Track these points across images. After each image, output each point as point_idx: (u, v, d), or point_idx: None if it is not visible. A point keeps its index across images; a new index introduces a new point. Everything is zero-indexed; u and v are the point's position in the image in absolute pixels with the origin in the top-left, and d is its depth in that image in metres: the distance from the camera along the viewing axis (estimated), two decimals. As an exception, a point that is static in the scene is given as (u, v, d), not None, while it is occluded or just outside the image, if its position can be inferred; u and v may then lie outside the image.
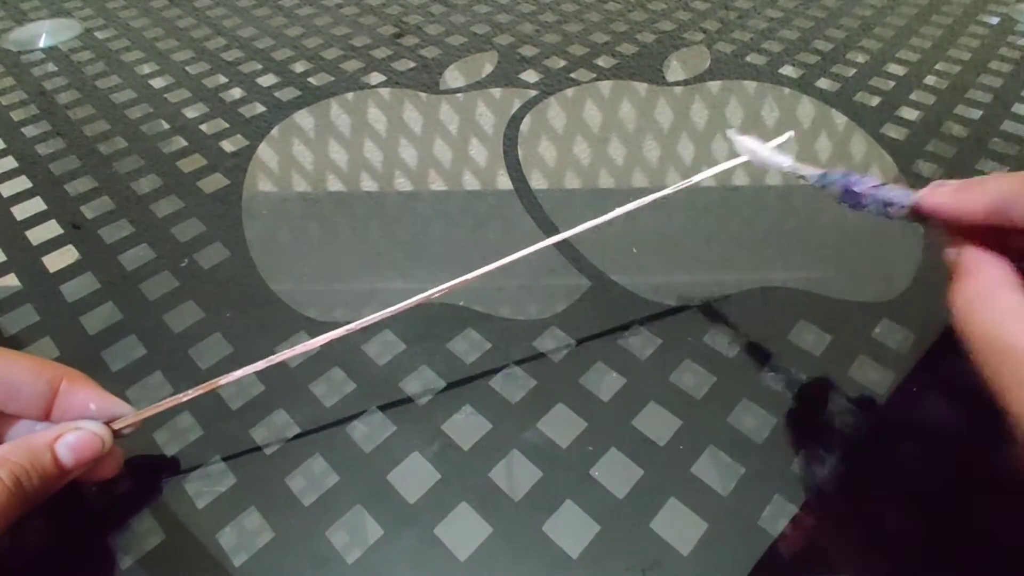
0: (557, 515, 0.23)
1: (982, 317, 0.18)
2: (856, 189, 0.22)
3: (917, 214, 0.21)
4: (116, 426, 0.22)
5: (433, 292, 0.24)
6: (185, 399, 0.23)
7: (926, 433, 0.25)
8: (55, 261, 0.33)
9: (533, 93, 0.44)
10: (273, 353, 0.28)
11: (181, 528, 0.23)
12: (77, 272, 0.32)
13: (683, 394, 0.26)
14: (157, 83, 0.45)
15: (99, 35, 0.51)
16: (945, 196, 0.20)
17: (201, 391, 0.23)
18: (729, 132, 0.26)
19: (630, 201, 0.26)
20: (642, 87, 0.44)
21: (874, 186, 0.22)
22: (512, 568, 0.22)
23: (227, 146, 0.40)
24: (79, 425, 0.21)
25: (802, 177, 0.24)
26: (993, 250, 0.19)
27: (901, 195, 0.21)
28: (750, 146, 0.25)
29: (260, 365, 0.23)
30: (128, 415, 0.22)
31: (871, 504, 0.23)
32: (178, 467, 0.24)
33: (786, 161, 0.24)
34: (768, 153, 0.25)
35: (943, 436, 0.25)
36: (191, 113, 0.42)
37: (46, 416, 0.22)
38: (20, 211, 0.35)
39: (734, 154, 0.26)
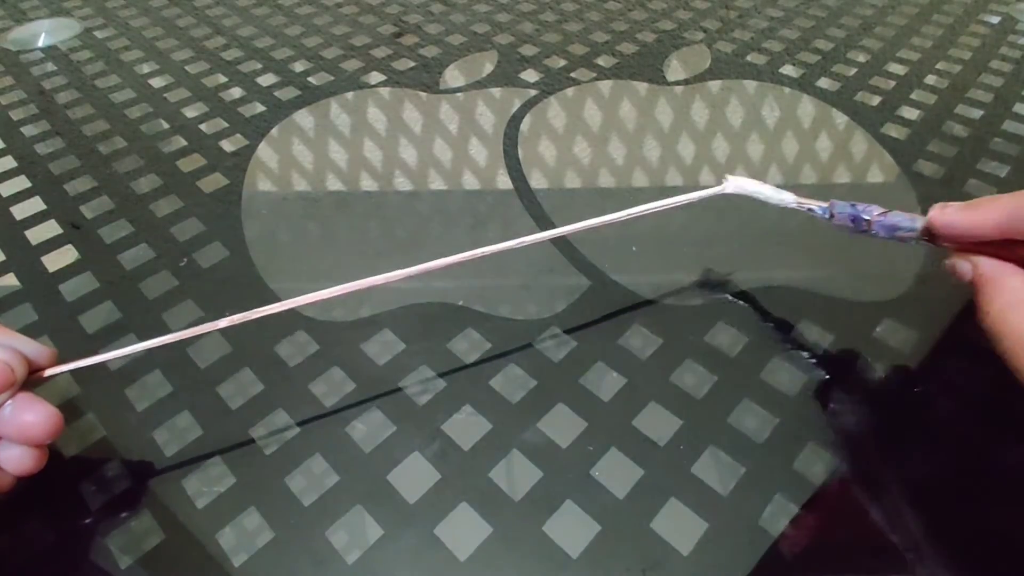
0: (557, 515, 0.23)
1: (1019, 320, 0.20)
2: (865, 217, 0.23)
3: (927, 235, 0.22)
4: (45, 373, 0.22)
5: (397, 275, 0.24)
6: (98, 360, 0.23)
7: (927, 433, 0.25)
8: (54, 261, 0.32)
9: (533, 92, 0.44)
10: (273, 353, 0.28)
11: (181, 528, 0.23)
12: (76, 272, 0.32)
13: (683, 394, 0.26)
14: (156, 82, 0.45)
15: (98, 34, 0.51)
16: (955, 215, 0.22)
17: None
18: (727, 178, 0.27)
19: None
20: (642, 87, 0.44)
21: (881, 213, 0.23)
22: (512, 568, 0.22)
23: (227, 146, 0.40)
24: None
25: (811, 210, 0.25)
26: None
27: (908, 220, 0.22)
28: (752, 187, 0.26)
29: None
30: (57, 367, 0.22)
31: (871, 504, 0.23)
32: (177, 467, 0.24)
33: (790, 197, 0.25)
34: (772, 191, 0.26)
35: (945, 436, 0.25)
36: (191, 113, 0.42)
37: None
38: (19, 211, 0.35)
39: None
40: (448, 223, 0.35)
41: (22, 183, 0.37)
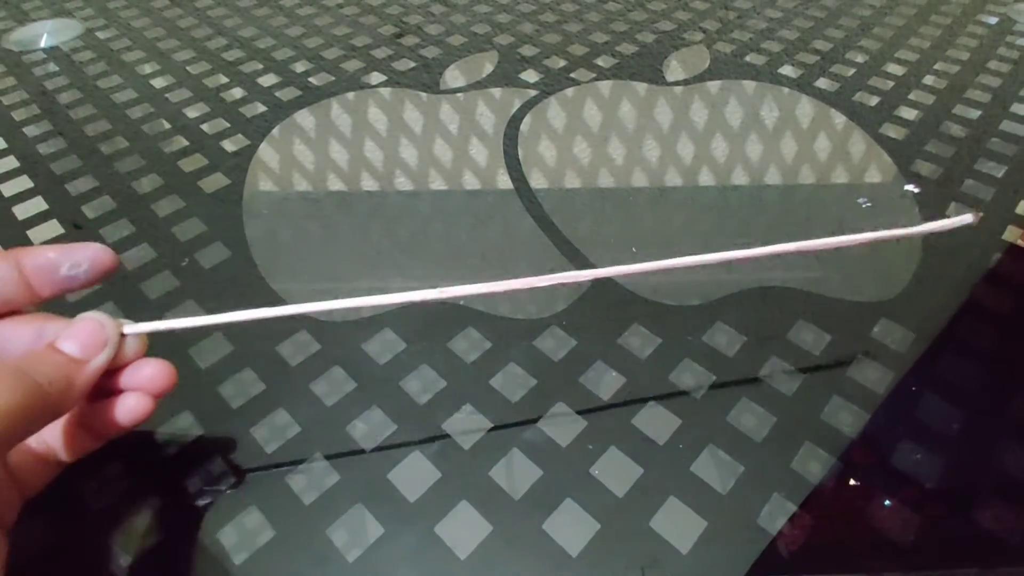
0: (557, 514, 0.23)
1: None
2: None
3: None
4: (125, 331, 0.21)
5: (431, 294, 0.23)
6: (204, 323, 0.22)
7: (924, 432, 0.25)
8: (56, 261, 0.33)
9: (533, 93, 0.44)
10: (274, 352, 0.28)
11: (181, 527, 0.23)
12: (78, 271, 0.32)
13: (683, 393, 0.26)
14: (158, 83, 0.45)
15: (100, 35, 0.51)
16: None
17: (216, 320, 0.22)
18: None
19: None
20: (642, 87, 0.45)
21: None
22: (512, 567, 0.22)
23: (228, 146, 0.40)
24: (79, 317, 0.21)
25: None
26: None
27: None
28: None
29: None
30: (135, 328, 0.22)
31: (869, 503, 0.23)
32: (178, 466, 0.24)
33: None
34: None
35: (941, 435, 0.25)
36: (192, 113, 0.43)
37: (31, 299, 0.21)
38: (21, 211, 0.35)
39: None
40: (448, 223, 0.35)
41: (24, 183, 0.37)
